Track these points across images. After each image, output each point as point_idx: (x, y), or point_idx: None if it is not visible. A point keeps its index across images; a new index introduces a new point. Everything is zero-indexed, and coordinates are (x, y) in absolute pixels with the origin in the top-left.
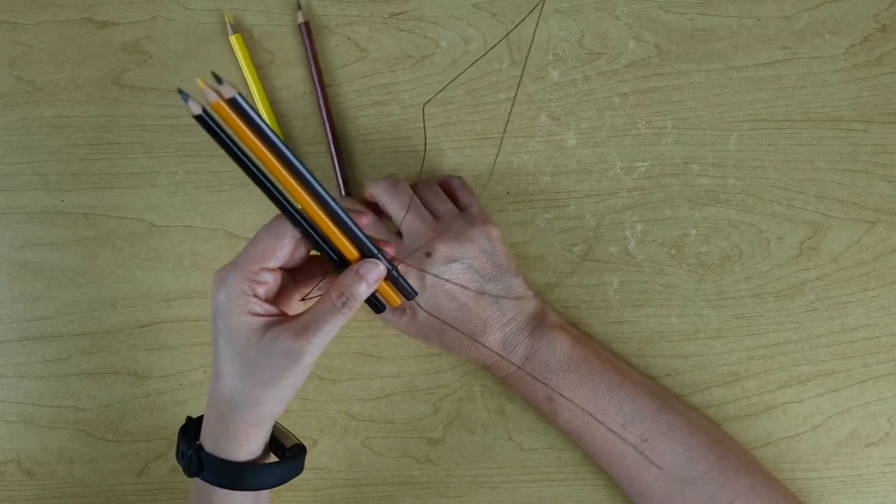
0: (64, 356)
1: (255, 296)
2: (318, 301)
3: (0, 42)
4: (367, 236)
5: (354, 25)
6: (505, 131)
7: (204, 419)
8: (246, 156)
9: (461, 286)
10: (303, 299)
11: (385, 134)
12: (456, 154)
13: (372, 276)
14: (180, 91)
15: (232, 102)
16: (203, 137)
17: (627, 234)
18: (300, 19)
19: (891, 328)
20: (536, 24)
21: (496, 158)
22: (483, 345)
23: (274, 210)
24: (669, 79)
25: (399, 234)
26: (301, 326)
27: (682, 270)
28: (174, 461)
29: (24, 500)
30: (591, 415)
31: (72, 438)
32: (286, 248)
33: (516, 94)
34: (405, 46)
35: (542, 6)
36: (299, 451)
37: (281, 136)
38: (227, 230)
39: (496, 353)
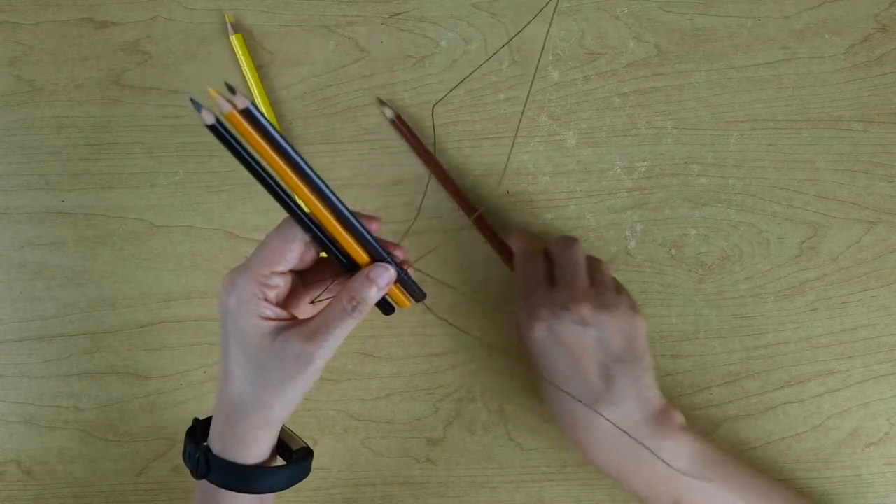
0: (64, 356)
1: (266, 299)
2: (328, 305)
3: (0, 42)
4: (377, 240)
5: (354, 25)
6: (516, 135)
7: (212, 421)
8: (257, 162)
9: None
10: (313, 302)
11: (385, 134)
12: (455, 154)
13: (382, 280)
14: (193, 101)
15: (245, 112)
16: (203, 138)
17: (627, 234)
18: (389, 115)
19: (891, 328)
20: (549, 26)
21: (508, 159)
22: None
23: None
24: (669, 79)
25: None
26: (312, 330)
27: (682, 270)
28: (174, 461)
29: (24, 500)
30: None
31: (72, 438)
32: (296, 251)
33: (528, 95)
34: (405, 46)
35: (557, 6)
36: (306, 453)
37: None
38: (227, 230)
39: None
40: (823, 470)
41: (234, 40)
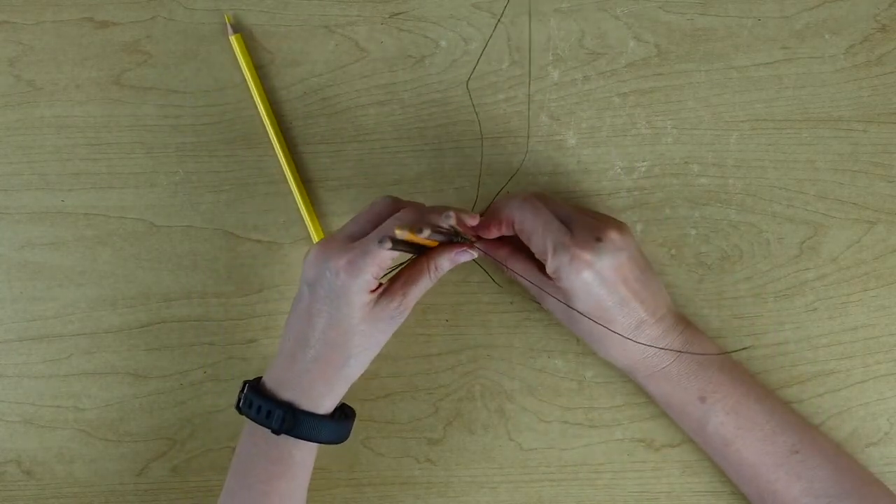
0: (64, 356)
1: (377, 277)
2: (406, 270)
3: (0, 42)
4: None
5: (354, 25)
6: (529, 136)
7: (286, 376)
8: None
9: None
10: (385, 275)
11: (385, 134)
12: (455, 154)
13: (462, 258)
14: (380, 241)
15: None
16: (203, 138)
17: None
18: (449, 221)
19: (891, 328)
20: (530, 20)
21: (525, 157)
22: (631, 339)
23: (281, 212)
24: (669, 79)
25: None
26: (397, 293)
27: (682, 270)
28: (174, 461)
29: (24, 500)
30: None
31: (72, 438)
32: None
33: (529, 95)
34: (405, 46)
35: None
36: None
37: (280, 138)
38: (227, 230)
39: (650, 345)
40: None
41: (234, 40)
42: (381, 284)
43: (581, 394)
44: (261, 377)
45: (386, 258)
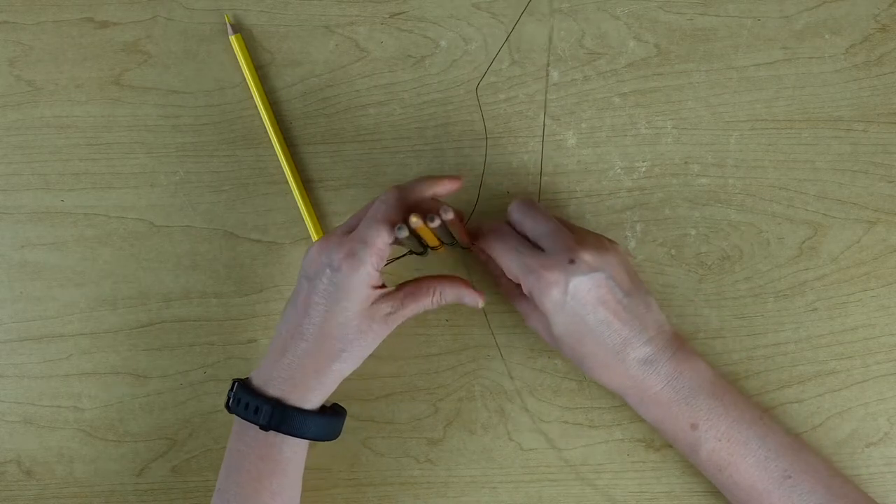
0: (64, 356)
1: (378, 269)
2: (413, 284)
3: (0, 42)
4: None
5: (354, 25)
6: (544, 137)
7: (276, 370)
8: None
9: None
10: (386, 264)
11: (385, 134)
12: (455, 154)
13: (467, 301)
14: (398, 227)
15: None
16: (203, 138)
17: (627, 234)
18: (447, 216)
19: (891, 328)
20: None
21: (542, 157)
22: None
23: (281, 212)
24: (669, 79)
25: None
26: (396, 298)
27: (682, 270)
28: (174, 461)
29: (24, 500)
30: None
31: (72, 438)
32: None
33: (546, 91)
34: (405, 46)
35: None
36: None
37: (280, 138)
38: (227, 230)
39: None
40: None
41: (234, 40)
42: (384, 284)
43: (581, 394)
44: (249, 376)
45: (383, 247)
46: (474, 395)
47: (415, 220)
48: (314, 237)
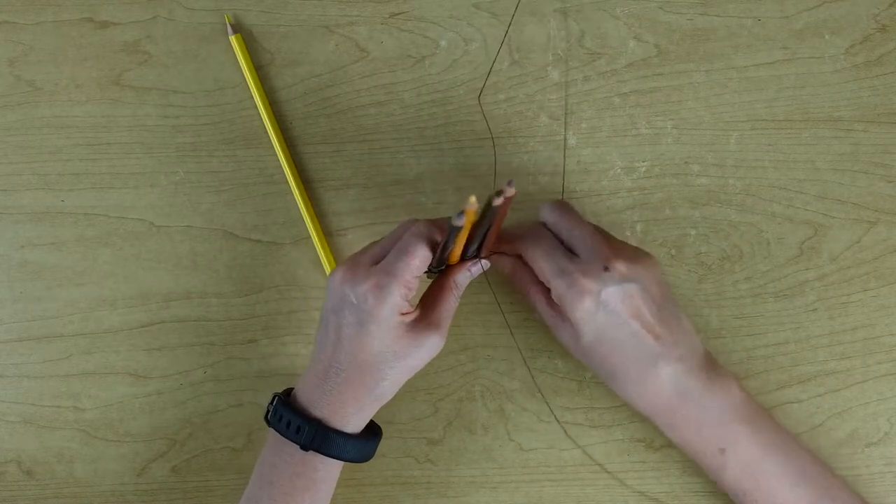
0: (64, 356)
1: (407, 300)
2: (433, 296)
3: (0, 42)
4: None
5: (354, 25)
6: (566, 137)
7: (315, 392)
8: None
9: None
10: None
11: (385, 134)
12: (455, 154)
13: (476, 270)
14: (455, 217)
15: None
16: (203, 138)
17: (627, 234)
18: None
19: (891, 328)
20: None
21: (565, 159)
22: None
23: (281, 212)
24: (669, 79)
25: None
26: (436, 321)
27: (682, 270)
28: (174, 461)
29: (24, 500)
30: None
31: (72, 438)
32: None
33: (566, 98)
34: (405, 46)
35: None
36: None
37: (280, 138)
38: (227, 230)
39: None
40: None
41: (234, 40)
42: (412, 308)
43: (581, 394)
44: (291, 389)
45: (412, 279)
46: (474, 395)
47: (472, 201)
48: (314, 237)
